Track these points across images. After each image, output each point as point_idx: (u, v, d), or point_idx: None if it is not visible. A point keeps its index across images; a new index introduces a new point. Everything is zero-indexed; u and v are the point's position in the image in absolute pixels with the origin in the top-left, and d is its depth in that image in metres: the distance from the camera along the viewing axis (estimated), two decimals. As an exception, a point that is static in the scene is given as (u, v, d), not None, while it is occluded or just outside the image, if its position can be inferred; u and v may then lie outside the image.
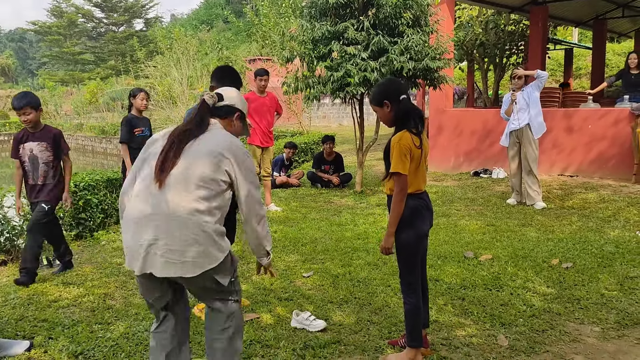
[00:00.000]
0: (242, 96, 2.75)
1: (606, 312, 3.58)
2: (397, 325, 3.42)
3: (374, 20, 7.06)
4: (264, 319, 3.61)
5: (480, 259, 4.71)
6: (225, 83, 3.53)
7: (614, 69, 20.85)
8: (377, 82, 6.86)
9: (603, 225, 5.75)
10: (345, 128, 20.57)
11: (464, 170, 9.47)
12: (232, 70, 3.72)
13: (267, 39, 17.41)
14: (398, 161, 2.76)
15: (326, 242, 5.45)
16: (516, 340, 3.21)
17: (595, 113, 8.35)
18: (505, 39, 14.83)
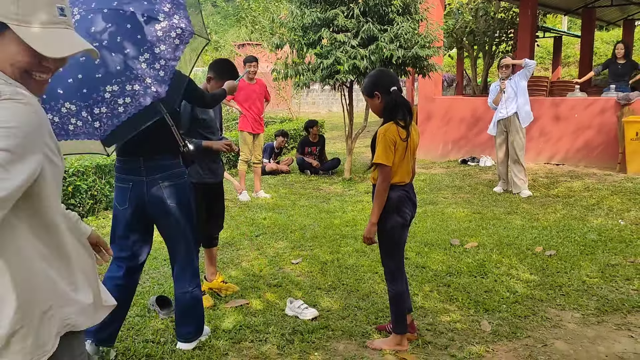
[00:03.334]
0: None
1: (587, 298, 3.69)
2: (384, 311, 3.49)
3: (364, 8, 7.07)
4: (253, 304, 3.67)
5: (466, 247, 4.80)
6: (225, 78, 3.55)
7: (602, 58, 21.00)
8: (366, 69, 6.89)
9: (587, 214, 5.86)
10: (334, 114, 20.56)
11: (452, 158, 9.56)
12: (230, 64, 3.71)
13: (256, 24, 17.28)
14: (382, 152, 2.83)
15: (315, 229, 5.51)
16: (499, 326, 3.31)
17: (582, 102, 8.45)
18: (494, 27, 14.87)
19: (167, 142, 2.78)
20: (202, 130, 3.60)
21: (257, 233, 5.40)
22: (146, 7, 2.34)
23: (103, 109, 2.27)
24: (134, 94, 2.27)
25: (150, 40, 2.30)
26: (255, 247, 4.97)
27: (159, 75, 2.30)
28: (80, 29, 2.27)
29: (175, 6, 2.40)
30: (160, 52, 2.31)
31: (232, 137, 9.91)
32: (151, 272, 4.36)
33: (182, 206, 2.86)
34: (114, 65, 2.25)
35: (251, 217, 6.03)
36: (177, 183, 2.84)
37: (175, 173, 2.84)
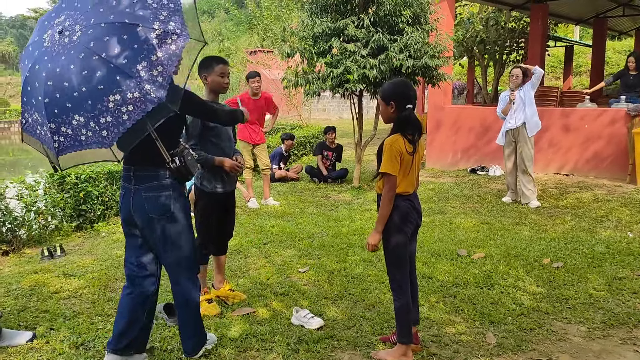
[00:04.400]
0: None
1: (593, 312, 3.68)
2: (390, 322, 3.51)
3: (374, 18, 7.12)
4: (259, 313, 3.70)
5: (473, 257, 4.80)
6: (213, 65, 3.60)
7: (614, 67, 20.91)
8: (376, 79, 6.94)
9: (595, 225, 5.84)
10: (345, 121, 20.60)
11: (461, 167, 9.56)
12: (213, 55, 3.86)
13: (268, 32, 17.41)
14: (388, 162, 2.87)
15: (323, 237, 5.54)
16: (504, 338, 3.31)
17: (592, 113, 8.42)
18: (505, 36, 14.88)
19: (154, 155, 2.78)
20: (214, 139, 3.65)
21: (265, 241, 5.44)
22: (142, 18, 2.44)
23: (109, 118, 2.39)
24: (136, 101, 2.38)
25: (147, 48, 2.40)
26: (263, 255, 5.01)
27: (157, 81, 2.40)
28: (80, 45, 2.40)
29: (171, 13, 2.49)
30: (157, 59, 2.40)
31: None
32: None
33: (165, 219, 2.84)
34: (114, 76, 2.36)
35: (260, 225, 6.07)
36: (160, 195, 2.82)
37: (159, 185, 2.83)
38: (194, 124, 3.55)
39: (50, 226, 5.83)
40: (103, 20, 2.45)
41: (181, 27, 2.49)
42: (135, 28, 2.42)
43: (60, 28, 2.50)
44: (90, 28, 2.44)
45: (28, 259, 5.12)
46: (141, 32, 2.41)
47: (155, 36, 2.42)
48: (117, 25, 2.43)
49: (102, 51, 2.38)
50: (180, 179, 2.89)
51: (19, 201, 5.53)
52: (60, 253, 5.14)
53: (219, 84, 3.62)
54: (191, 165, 2.92)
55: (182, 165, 2.83)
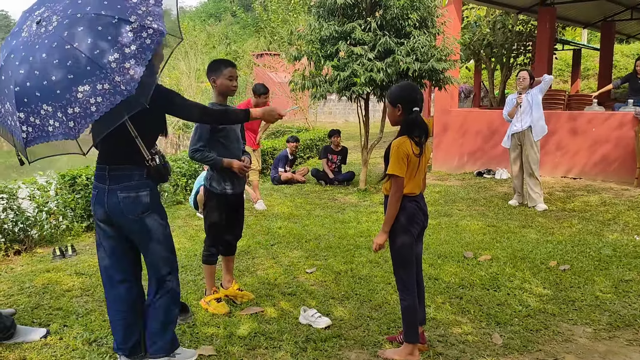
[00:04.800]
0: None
1: (599, 313, 3.70)
2: (396, 322, 3.55)
3: (381, 21, 7.17)
4: (268, 312, 3.75)
5: (480, 259, 4.83)
6: (222, 68, 3.65)
7: (622, 71, 20.84)
8: (382, 82, 6.98)
9: (602, 229, 5.85)
10: (351, 124, 20.65)
11: (468, 170, 9.58)
12: (222, 58, 3.92)
13: (275, 35, 17.50)
14: (395, 164, 2.92)
15: (329, 239, 5.58)
16: (510, 339, 3.34)
17: (599, 116, 8.43)
18: (512, 39, 14.87)
19: (133, 153, 2.73)
20: (224, 140, 3.71)
21: (273, 242, 5.49)
22: (119, 10, 2.42)
23: (76, 108, 2.35)
24: (105, 93, 2.34)
25: (121, 40, 2.37)
26: (270, 255, 5.06)
27: (129, 74, 2.37)
28: (55, 35, 2.40)
29: (151, 8, 2.48)
30: (131, 51, 2.38)
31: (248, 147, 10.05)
32: (169, 278, 4.46)
33: (140, 219, 2.77)
34: (85, 66, 2.34)
35: (267, 226, 6.12)
36: (135, 195, 2.75)
37: (134, 185, 2.75)
38: (202, 125, 3.61)
39: (61, 226, 5.91)
40: (80, 11, 2.43)
41: (159, 22, 2.46)
42: (111, 20, 2.39)
43: (39, 19, 2.48)
44: (67, 18, 2.43)
45: (40, 258, 5.20)
46: (116, 24, 2.39)
47: (130, 29, 2.39)
48: (93, 17, 2.40)
49: (74, 41, 2.36)
50: (157, 179, 2.83)
51: (31, 201, 5.62)
52: (72, 252, 5.22)
53: (227, 87, 3.68)
54: (169, 167, 2.88)
55: (162, 165, 2.80)
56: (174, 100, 2.85)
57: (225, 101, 3.77)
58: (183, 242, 5.57)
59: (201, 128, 3.63)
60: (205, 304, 3.80)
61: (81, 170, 6.21)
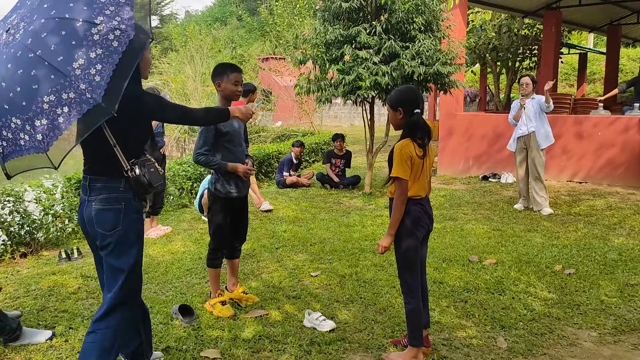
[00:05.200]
0: None
1: (604, 317, 3.69)
2: (400, 325, 3.55)
3: (386, 25, 7.18)
4: (272, 315, 3.75)
5: (485, 263, 4.82)
6: (228, 73, 3.67)
7: (628, 75, 20.77)
8: (388, 86, 6.99)
9: (608, 233, 5.83)
10: (356, 128, 20.68)
11: (473, 174, 9.56)
12: (228, 62, 3.90)
13: (280, 39, 17.55)
14: (398, 166, 2.93)
15: (334, 242, 5.59)
16: (515, 343, 3.33)
17: (605, 120, 8.40)
18: (518, 43, 14.87)
19: (112, 163, 2.54)
20: (228, 144, 3.73)
21: (278, 245, 5.50)
22: (84, 12, 2.27)
23: (44, 120, 2.20)
24: (71, 102, 2.18)
25: (86, 45, 2.21)
26: (275, 259, 5.06)
27: (95, 81, 2.19)
28: (19, 43, 2.27)
29: (120, 7, 2.31)
30: (96, 56, 2.21)
31: (255, 149, 10.08)
32: (174, 281, 4.48)
33: (113, 235, 2.55)
34: (49, 75, 2.19)
35: (272, 230, 6.13)
36: (111, 208, 2.55)
37: (109, 198, 2.55)
38: (207, 130, 3.63)
39: (67, 229, 5.94)
40: (44, 15, 2.29)
41: (127, 22, 2.29)
42: (75, 23, 2.24)
43: (9, 27, 2.36)
44: (31, 25, 2.29)
45: (46, 260, 5.23)
46: (81, 27, 2.23)
47: (96, 32, 2.23)
48: (57, 21, 2.26)
49: (37, 48, 2.22)
50: (138, 191, 2.60)
51: (37, 204, 5.65)
52: (78, 255, 5.24)
53: (232, 91, 3.70)
54: (154, 177, 2.62)
55: (142, 175, 2.57)
56: (155, 104, 2.67)
57: (229, 105, 3.78)
58: (188, 245, 5.58)
59: (206, 132, 3.65)
60: (210, 307, 3.81)
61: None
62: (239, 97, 3.80)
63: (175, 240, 5.76)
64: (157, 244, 5.64)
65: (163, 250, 5.38)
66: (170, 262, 5.00)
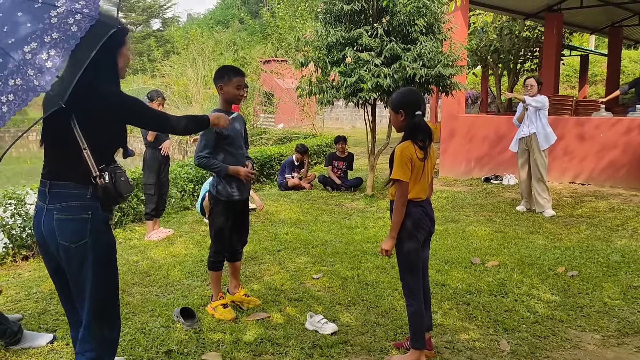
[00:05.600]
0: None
1: (608, 320, 3.67)
2: (403, 328, 3.53)
3: (387, 27, 7.18)
4: (274, 318, 3.74)
5: (487, 265, 4.81)
6: (231, 77, 3.65)
7: (629, 76, 20.74)
8: (389, 88, 6.98)
9: (611, 235, 5.81)
10: (358, 130, 20.66)
11: (475, 176, 9.55)
12: (234, 67, 3.84)
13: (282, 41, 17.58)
14: (398, 169, 2.92)
15: (336, 244, 5.58)
16: (518, 346, 3.31)
17: (607, 121, 8.38)
18: (519, 45, 14.87)
19: (78, 168, 2.31)
20: (228, 147, 3.72)
21: (279, 248, 5.49)
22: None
23: None
24: (17, 89, 1.98)
25: (41, 28, 2.03)
26: (277, 261, 5.05)
27: (45, 67, 1.99)
28: None
29: None
30: (52, 40, 2.02)
31: (256, 151, 10.08)
32: (176, 284, 4.47)
33: (80, 249, 2.30)
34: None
35: (273, 232, 6.12)
36: (73, 217, 2.30)
37: (74, 206, 2.30)
38: (208, 132, 3.63)
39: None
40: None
41: (92, 6, 2.10)
42: (34, 4, 2.08)
43: None
44: None
45: (47, 263, 5.22)
46: (39, 9, 2.07)
47: (55, 14, 2.05)
48: (15, 1, 2.11)
49: None
50: (106, 201, 2.36)
51: (39, 207, 5.64)
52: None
53: (234, 95, 3.69)
54: (123, 187, 2.41)
55: (112, 183, 2.35)
56: (133, 107, 2.46)
57: (230, 108, 3.78)
58: (190, 247, 5.58)
59: (207, 135, 3.64)
60: (212, 310, 3.80)
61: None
62: (240, 101, 3.79)
63: (176, 243, 5.76)
64: (158, 246, 5.64)
65: (165, 253, 5.38)
66: (172, 264, 4.99)
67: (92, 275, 2.33)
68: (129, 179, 2.49)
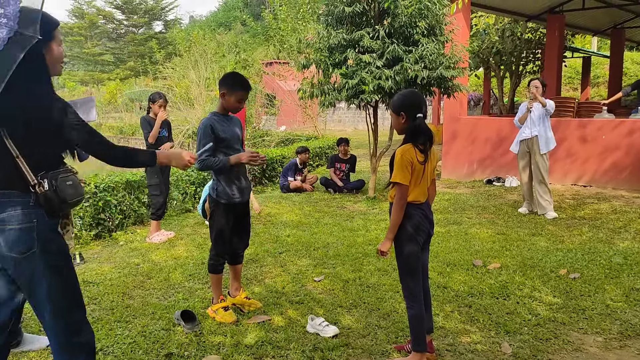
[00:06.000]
0: None
1: (610, 322, 3.65)
2: (404, 331, 3.52)
3: (389, 29, 7.18)
4: (275, 321, 3.73)
5: (489, 268, 4.79)
6: (237, 90, 3.69)
7: (632, 78, 20.70)
8: (391, 90, 6.98)
9: (613, 237, 5.79)
10: (360, 132, 20.65)
11: (477, 178, 9.53)
12: (240, 76, 3.83)
13: (284, 44, 17.60)
14: (398, 171, 2.92)
15: (338, 247, 5.57)
16: (520, 348, 3.30)
17: (609, 123, 8.36)
18: (521, 47, 14.85)
19: (16, 176, 2.21)
20: (226, 149, 3.73)
21: (281, 250, 5.48)
22: None
23: None
24: None
25: None
26: (278, 263, 5.05)
27: None
28: None
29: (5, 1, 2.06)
30: None
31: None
32: (176, 287, 4.47)
33: (28, 259, 2.20)
34: None
35: (275, 234, 6.12)
36: (19, 227, 2.19)
37: (20, 214, 2.20)
38: (205, 136, 3.63)
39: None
40: None
41: (12, 17, 2.03)
42: None
43: None
44: None
45: (49, 266, 5.21)
46: None
47: None
48: None
49: None
50: (49, 209, 2.25)
51: (41, 209, 5.64)
52: (80, 261, 5.24)
53: (234, 107, 3.75)
54: (67, 192, 2.28)
55: (52, 191, 2.23)
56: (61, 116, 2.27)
57: (226, 113, 3.80)
58: (191, 250, 5.57)
59: (204, 139, 3.64)
60: (213, 313, 3.79)
61: (90, 178, 6.25)
62: (237, 112, 3.82)
63: (178, 245, 5.75)
64: (160, 249, 5.63)
65: (166, 256, 5.37)
66: (173, 267, 4.98)
67: (47, 285, 2.23)
68: (81, 183, 2.39)
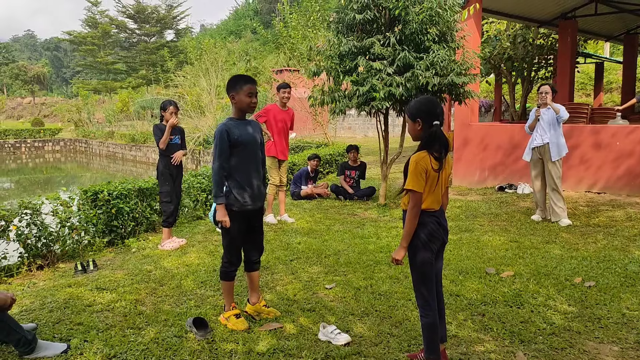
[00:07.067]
0: None
1: (626, 331, 3.60)
2: (417, 339, 3.49)
3: (400, 36, 7.17)
4: (287, 328, 3.72)
5: (502, 276, 4.75)
6: (241, 85, 3.69)
7: (645, 84, 20.49)
8: (402, 97, 6.96)
9: (628, 244, 5.71)
10: (370, 139, 20.64)
11: (489, 185, 9.47)
12: (246, 76, 3.85)
13: (295, 51, 17.65)
14: (412, 179, 2.89)
15: (349, 254, 5.55)
16: (534, 358, 3.26)
17: (623, 129, 8.28)
18: (533, 53, 14.77)
19: None
20: (242, 154, 3.75)
21: (292, 257, 5.47)
22: None
23: None
24: None
25: None
26: (289, 271, 5.04)
27: None
28: None
29: None
30: None
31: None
32: (188, 294, 4.47)
33: None
34: None
35: (286, 242, 6.11)
36: None
37: None
38: (221, 140, 3.64)
39: (83, 241, 5.98)
40: None
41: None
42: None
43: None
44: None
45: (62, 273, 5.26)
46: None
47: None
48: None
49: None
50: None
51: (54, 217, 5.70)
52: (93, 268, 5.27)
53: (246, 103, 3.70)
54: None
55: None
56: None
57: (243, 117, 3.80)
58: (203, 257, 5.58)
59: (220, 143, 3.65)
60: (225, 320, 3.79)
61: (103, 186, 6.29)
62: (254, 109, 3.80)
63: (189, 253, 5.77)
64: (171, 256, 5.65)
65: (178, 263, 5.38)
66: (185, 274, 4.99)
67: None
68: None
